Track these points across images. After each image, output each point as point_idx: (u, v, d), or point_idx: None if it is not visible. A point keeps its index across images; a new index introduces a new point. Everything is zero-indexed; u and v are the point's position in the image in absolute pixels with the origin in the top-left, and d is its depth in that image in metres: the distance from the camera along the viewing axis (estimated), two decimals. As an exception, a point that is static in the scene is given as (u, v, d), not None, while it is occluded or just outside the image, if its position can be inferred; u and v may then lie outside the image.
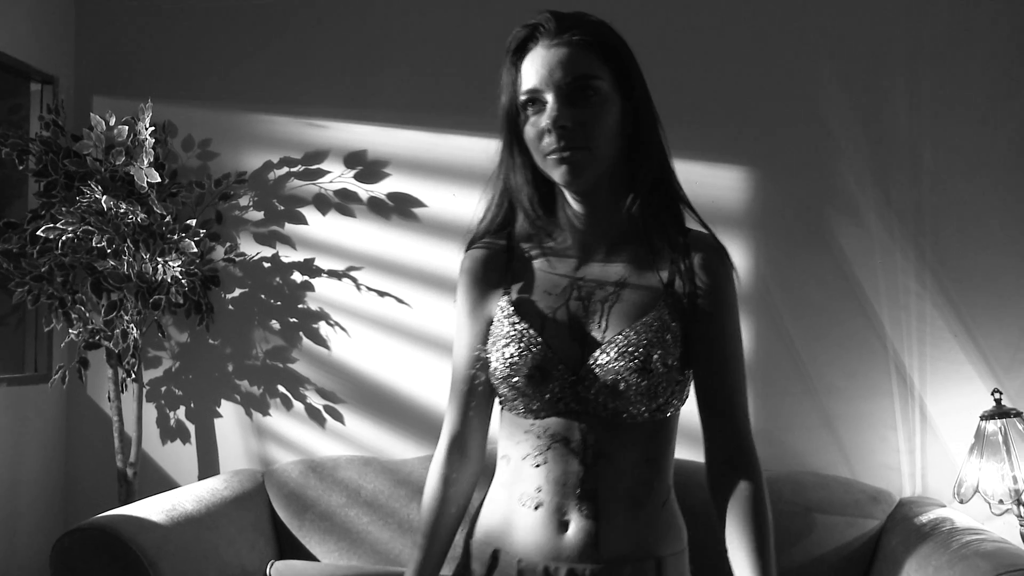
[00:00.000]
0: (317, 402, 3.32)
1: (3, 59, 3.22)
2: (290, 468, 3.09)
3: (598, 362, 1.49)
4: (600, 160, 1.51)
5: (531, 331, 1.53)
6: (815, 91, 3.07)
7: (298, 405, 3.33)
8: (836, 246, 3.05)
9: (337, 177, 3.33)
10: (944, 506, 2.75)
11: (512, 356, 1.52)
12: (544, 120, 1.50)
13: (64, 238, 2.90)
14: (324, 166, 3.34)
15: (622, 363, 1.48)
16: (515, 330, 1.54)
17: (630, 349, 1.48)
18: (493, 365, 1.57)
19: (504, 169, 1.71)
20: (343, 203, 3.33)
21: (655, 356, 1.49)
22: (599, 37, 1.54)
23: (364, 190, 3.31)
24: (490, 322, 1.64)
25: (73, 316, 3.06)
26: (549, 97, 1.50)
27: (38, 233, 2.91)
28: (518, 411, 1.56)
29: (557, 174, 1.52)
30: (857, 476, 2.99)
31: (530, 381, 1.51)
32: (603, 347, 1.50)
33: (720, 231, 2.98)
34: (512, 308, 1.58)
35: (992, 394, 2.77)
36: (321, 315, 3.32)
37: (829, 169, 3.06)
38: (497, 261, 1.68)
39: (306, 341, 3.33)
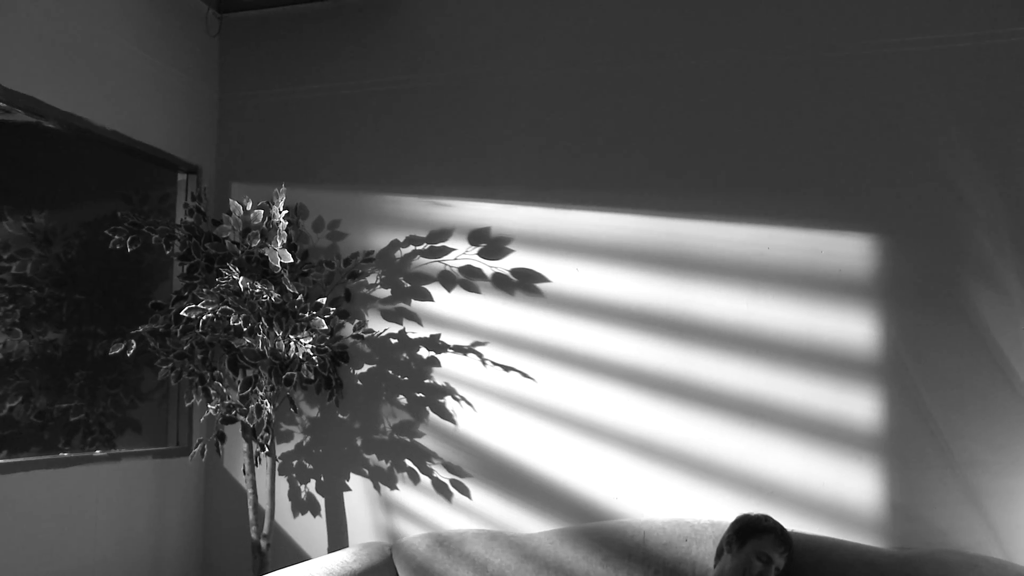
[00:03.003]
0: (444, 476, 3.35)
1: (155, 153, 3.45)
2: (417, 542, 3.11)
3: None
4: None
5: None
6: (943, 153, 2.98)
7: (425, 479, 3.37)
8: (974, 314, 2.93)
9: (461, 254, 3.41)
10: (1106, 590, 2.56)
11: None
12: None
13: (204, 318, 3.05)
14: (448, 244, 3.43)
15: None
16: None
17: None
18: None
19: None
20: (467, 279, 3.40)
21: None
22: None
23: (488, 266, 3.38)
24: None
25: (212, 392, 3.19)
26: None
27: (181, 313, 3.07)
28: None
29: None
30: (1010, 556, 2.82)
31: None
32: None
33: (847, 299, 2.93)
34: None
35: None
36: (447, 390, 3.37)
37: (962, 234, 2.96)
38: None
39: (432, 416, 3.38)
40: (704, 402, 3.10)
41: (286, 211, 3.18)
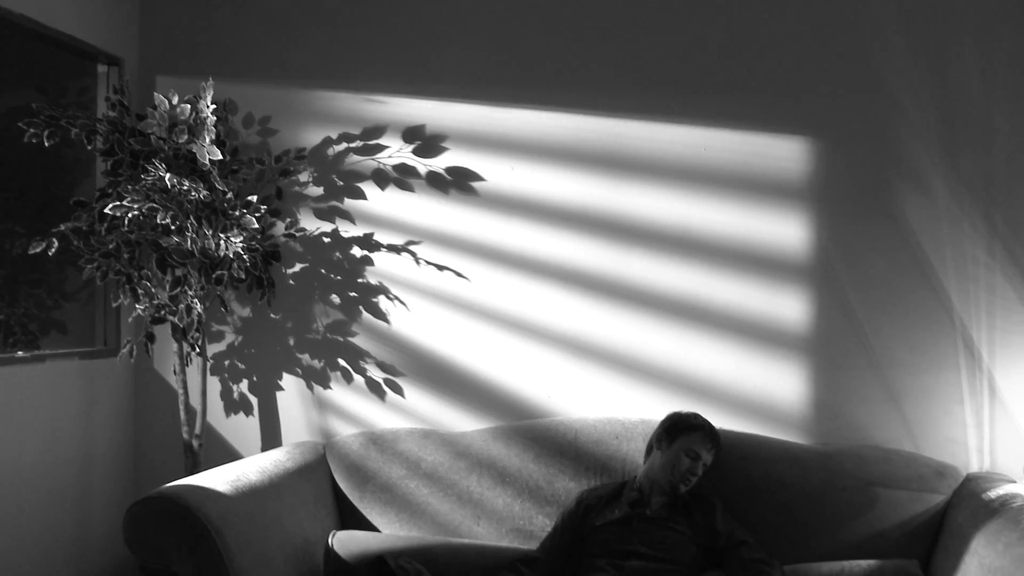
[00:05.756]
0: (377, 375, 3.35)
1: (72, 42, 3.29)
2: (351, 440, 3.13)
3: None
4: None
5: None
6: (880, 58, 2.99)
7: (358, 378, 3.37)
8: (901, 217, 2.98)
9: (395, 152, 3.35)
10: (1014, 482, 2.68)
11: None
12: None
13: (130, 216, 2.96)
14: (382, 141, 3.36)
15: None
16: None
17: None
18: None
19: None
20: (401, 178, 3.34)
21: None
22: None
23: (422, 164, 3.33)
24: None
25: (140, 292, 3.13)
26: None
27: (106, 211, 2.97)
28: None
29: None
30: (922, 450, 2.93)
31: None
32: None
33: (781, 202, 2.96)
34: None
35: (1064, 367, 2.69)
36: (380, 289, 3.35)
37: (895, 138, 2.98)
38: None
39: (366, 315, 3.37)
40: (637, 302, 3.13)
41: (214, 106, 3.08)
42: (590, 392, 3.18)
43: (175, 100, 3.08)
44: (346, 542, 2.77)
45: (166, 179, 2.96)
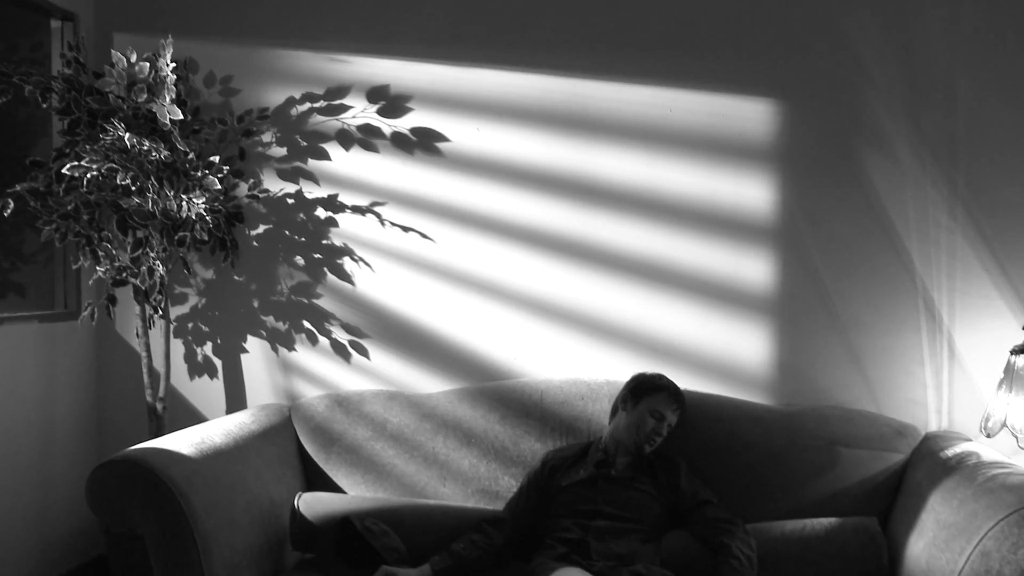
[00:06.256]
0: (342, 337, 3.34)
1: (23, -5, 3.20)
2: (316, 402, 3.12)
3: None
4: None
5: None
6: (846, 20, 2.99)
7: (323, 340, 3.35)
8: (865, 179, 2.99)
9: (360, 112, 3.31)
10: (970, 440, 2.73)
11: None
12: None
13: (89, 176, 2.90)
14: (346, 101, 3.32)
15: None
16: None
17: None
18: None
19: None
20: (366, 138, 3.31)
21: None
22: None
23: (387, 125, 3.29)
24: None
25: (100, 254, 3.08)
26: None
27: (63, 171, 2.91)
28: None
29: None
30: (883, 410, 2.98)
31: None
32: None
33: (747, 163, 2.97)
34: None
35: (1023, 328, 2.73)
36: (345, 251, 3.33)
37: (859, 100, 2.99)
38: None
39: (331, 277, 3.34)
40: (603, 263, 3.14)
41: (174, 64, 3.01)
42: (556, 353, 3.19)
43: (133, 58, 3.01)
44: (312, 504, 2.77)
45: (125, 139, 2.90)
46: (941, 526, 2.26)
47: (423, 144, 3.26)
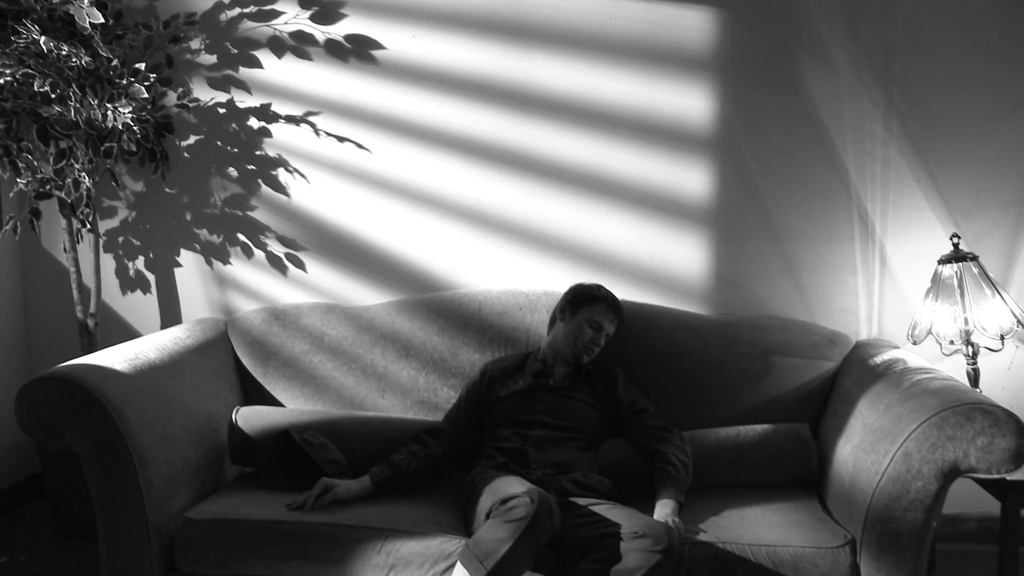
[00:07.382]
0: (278, 250, 3.29)
1: None
2: (253, 316, 3.08)
3: None
4: None
5: None
6: (787, -75, 2.96)
7: (259, 253, 3.30)
8: (803, 89, 3.00)
9: (292, 18, 3.20)
10: (898, 348, 2.80)
11: None
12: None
13: (2, 82, 2.77)
14: (278, 7, 3.20)
15: None
16: None
17: None
18: None
19: None
20: (299, 46, 3.21)
21: None
22: None
23: (321, 32, 3.19)
24: None
25: (20, 165, 2.96)
26: None
27: (-27, 76, 2.78)
28: None
29: None
30: (816, 319, 3.04)
31: None
32: None
33: (685, 73, 2.94)
34: None
35: (951, 239, 2.79)
36: (280, 162, 3.26)
37: (798, 9, 2.97)
38: None
39: (265, 189, 3.28)
40: (540, 173, 3.12)
41: (92, -38, 2.88)
42: (493, 264, 3.18)
43: (47, -45, 2.86)
44: (250, 418, 2.75)
45: (41, 42, 2.77)
46: (868, 430, 2.33)
47: (358, 52, 3.18)
